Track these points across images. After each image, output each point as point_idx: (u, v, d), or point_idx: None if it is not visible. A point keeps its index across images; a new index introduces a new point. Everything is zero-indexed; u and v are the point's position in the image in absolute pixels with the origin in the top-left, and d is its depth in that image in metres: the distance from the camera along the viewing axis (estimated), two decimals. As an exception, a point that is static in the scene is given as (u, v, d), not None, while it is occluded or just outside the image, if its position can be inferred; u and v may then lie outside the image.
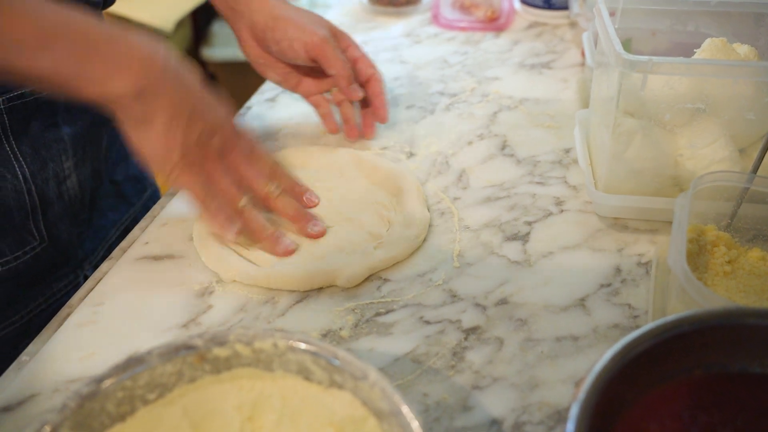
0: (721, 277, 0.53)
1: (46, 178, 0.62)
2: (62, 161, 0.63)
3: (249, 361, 0.42)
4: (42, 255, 0.63)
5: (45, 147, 0.61)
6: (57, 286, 0.66)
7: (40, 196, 0.61)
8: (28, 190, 0.60)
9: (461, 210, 0.64)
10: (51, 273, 0.65)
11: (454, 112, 0.80)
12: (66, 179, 0.64)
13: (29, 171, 0.60)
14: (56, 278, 0.65)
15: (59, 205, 0.64)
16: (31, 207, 0.60)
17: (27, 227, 0.61)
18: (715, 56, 0.60)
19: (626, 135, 0.59)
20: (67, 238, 0.65)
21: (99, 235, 0.71)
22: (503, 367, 0.48)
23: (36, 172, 0.60)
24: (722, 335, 0.39)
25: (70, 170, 0.64)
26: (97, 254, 0.71)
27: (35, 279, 0.63)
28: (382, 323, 0.52)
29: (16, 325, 0.63)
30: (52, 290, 0.65)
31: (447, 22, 1.02)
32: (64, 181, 0.64)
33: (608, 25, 0.59)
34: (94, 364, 0.50)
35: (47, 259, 0.64)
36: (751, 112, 0.57)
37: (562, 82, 0.86)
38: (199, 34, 2.06)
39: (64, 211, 0.64)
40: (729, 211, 0.56)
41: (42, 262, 0.63)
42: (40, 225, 0.62)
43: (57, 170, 0.63)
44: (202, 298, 0.55)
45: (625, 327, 0.51)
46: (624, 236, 0.60)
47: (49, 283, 0.65)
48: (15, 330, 0.63)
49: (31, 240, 0.61)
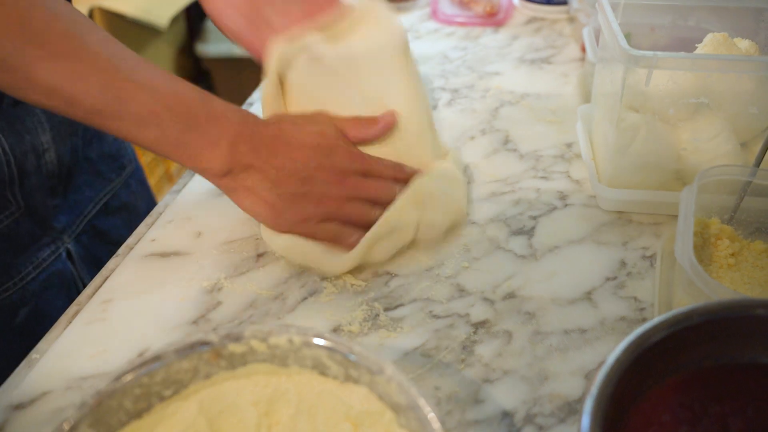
0: (726, 270, 0.54)
1: (25, 151, 0.63)
2: (39, 134, 0.64)
3: (264, 357, 0.42)
4: (21, 221, 0.64)
5: (19, 120, 0.62)
6: (42, 255, 0.66)
7: (18, 167, 0.62)
8: (8, 162, 0.61)
9: (467, 205, 0.64)
10: (33, 241, 0.66)
11: (456, 107, 0.81)
12: (45, 152, 0.65)
13: (7, 143, 0.61)
14: (38, 247, 0.66)
15: (37, 176, 0.65)
16: (8, 177, 0.61)
17: (5, 195, 0.62)
18: (717, 51, 0.61)
19: (630, 130, 0.60)
20: (43, 208, 0.66)
21: (75, 210, 0.72)
22: (513, 360, 0.49)
23: (14, 144, 0.61)
24: (732, 326, 0.40)
25: (49, 144, 0.65)
26: (76, 227, 0.72)
27: (20, 246, 0.64)
28: (392, 318, 0.53)
29: (11, 292, 0.64)
30: (38, 259, 0.66)
31: (446, 17, 1.02)
32: (43, 154, 0.65)
33: (612, 20, 0.59)
34: (105, 361, 0.50)
35: (26, 227, 0.65)
36: (753, 106, 0.58)
37: (562, 77, 0.87)
38: (193, 30, 2.06)
39: (41, 182, 0.65)
40: (732, 205, 0.56)
41: (22, 228, 0.64)
42: (16, 193, 0.63)
43: (35, 143, 0.64)
44: (210, 294, 0.55)
45: (631, 320, 0.52)
46: (628, 230, 0.61)
47: (34, 252, 0.66)
48: (11, 297, 0.64)
49: (9, 206, 0.63)
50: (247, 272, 0.57)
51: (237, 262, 0.58)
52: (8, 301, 0.63)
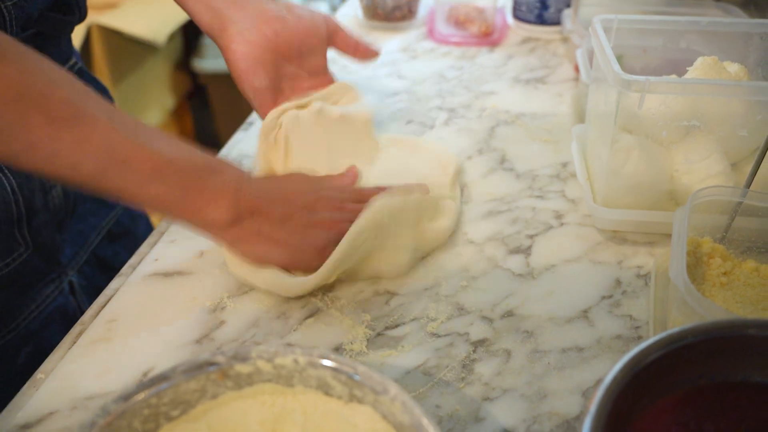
0: (718, 288, 0.55)
1: (33, 189, 0.63)
2: None
3: (270, 376, 0.43)
4: (29, 261, 0.64)
5: None
6: (45, 291, 0.67)
7: (27, 206, 0.63)
8: (16, 201, 0.61)
9: (465, 224, 0.65)
10: (39, 279, 0.66)
11: (453, 126, 0.82)
12: (51, 189, 0.66)
13: (16, 183, 0.61)
14: (44, 284, 0.67)
15: (44, 213, 0.65)
16: (17, 217, 0.62)
17: (13, 235, 0.62)
18: (708, 75, 0.62)
19: (624, 151, 0.62)
20: (50, 244, 0.67)
21: (80, 240, 0.72)
22: (512, 379, 0.50)
23: (23, 183, 0.62)
24: (725, 346, 0.41)
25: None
26: (80, 258, 0.72)
27: (26, 285, 0.65)
28: (392, 337, 0.54)
29: (14, 333, 0.64)
30: (42, 296, 0.67)
31: (442, 37, 1.04)
32: (50, 190, 0.65)
33: (606, 45, 0.61)
34: (110, 381, 0.50)
35: (34, 265, 0.65)
36: (743, 129, 0.59)
37: (556, 96, 0.88)
38: (190, 46, 2.07)
39: (48, 219, 0.66)
40: (723, 224, 0.58)
41: (29, 268, 0.65)
42: (24, 232, 0.63)
43: (42, 180, 0.64)
44: (213, 314, 0.56)
45: (627, 338, 0.53)
46: (623, 249, 0.62)
47: (39, 289, 0.66)
48: (14, 337, 0.64)
49: (18, 247, 0.63)
50: (249, 292, 0.58)
51: (239, 282, 0.59)
52: (11, 342, 0.63)
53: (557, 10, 1.03)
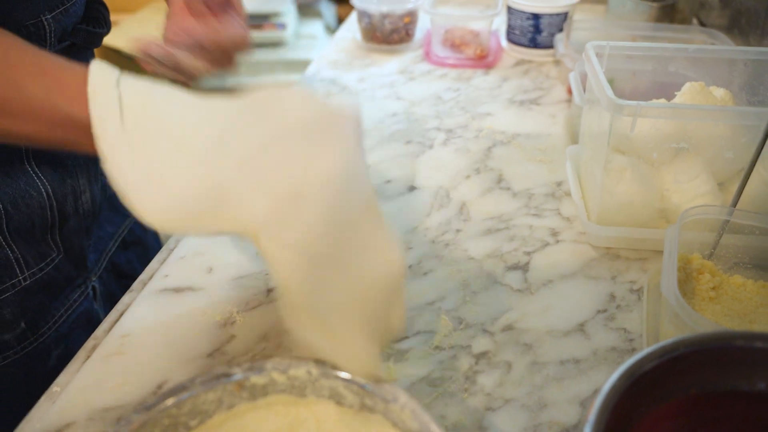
0: (707, 302, 0.58)
1: (65, 194, 0.65)
2: (78, 177, 0.67)
3: (284, 387, 0.45)
4: (60, 266, 0.66)
5: (61, 165, 0.65)
6: (73, 296, 0.69)
7: (59, 212, 0.65)
8: (50, 206, 0.63)
9: (465, 241, 0.68)
10: (68, 284, 0.68)
11: (451, 147, 0.85)
12: (82, 194, 0.68)
13: (51, 188, 0.63)
14: (71, 289, 0.68)
15: (74, 219, 0.67)
16: (51, 222, 0.64)
17: (46, 240, 0.64)
18: (695, 99, 0.66)
19: (617, 171, 0.64)
20: (79, 249, 0.69)
21: (99, 247, 0.74)
22: (513, 389, 0.52)
23: (57, 188, 0.64)
24: (714, 356, 0.44)
25: (85, 186, 0.68)
26: (100, 265, 0.74)
27: (57, 290, 0.67)
28: (398, 350, 0.56)
29: (45, 336, 0.66)
30: (70, 300, 0.68)
31: (438, 59, 1.08)
32: (80, 196, 0.68)
33: (599, 71, 0.64)
34: (126, 393, 0.52)
35: (64, 270, 0.67)
36: (729, 151, 0.62)
37: (550, 117, 0.91)
38: (186, 64, 2.10)
39: (78, 225, 0.68)
40: (712, 241, 0.60)
41: (61, 272, 0.66)
42: (56, 238, 0.65)
43: (74, 186, 0.66)
44: (224, 328, 0.58)
45: (622, 350, 0.56)
46: (617, 264, 0.65)
47: (68, 294, 0.68)
48: (46, 340, 0.66)
49: (51, 252, 0.65)
50: (258, 306, 0.60)
51: (248, 297, 0.61)
52: (43, 345, 0.65)
53: (550, 34, 1.06)
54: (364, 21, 1.12)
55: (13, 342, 0.63)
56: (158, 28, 0.65)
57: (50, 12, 0.60)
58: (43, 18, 0.59)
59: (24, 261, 0.62)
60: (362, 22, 1.12)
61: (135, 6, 1.84)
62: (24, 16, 0.58)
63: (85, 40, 0.66)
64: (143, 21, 1.78)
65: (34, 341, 0.64)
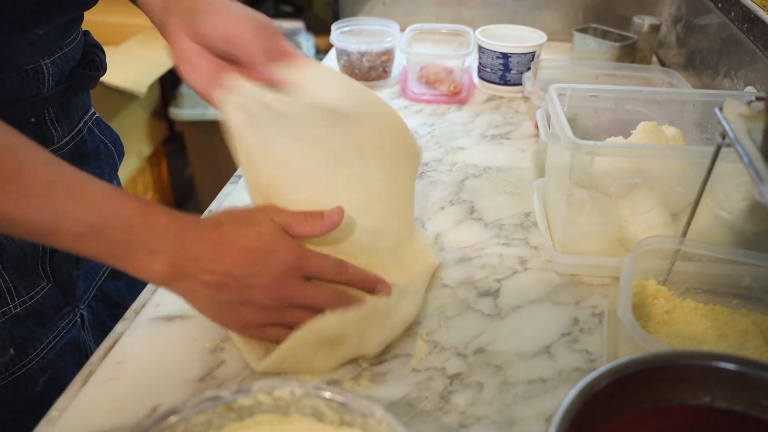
0: (662, 325, 0.63)
1: None
2: None
3: (269, 407, 0.49)
4: (49, 294, 0.69)
5: None
6: (61, 324, 0.71)
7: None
8: None
9: (439, 270, 0.72)
10: (56, 312, 0.71)
11: (427, 179, 0.90)
12: None
13: None
14: (60, 316, 0.71)
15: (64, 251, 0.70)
16: (42, 252, 0.67)
17: (37, 270, 0.67)
18: (648, 137, 0.72)
19: (578, 204, 0.70)
20: (68, 278, 0.72)
21: (89, 276, 0.77)
22: (485, 408, 0.56)
23: None
24: (663, 374, 0.49)
25: None
26: (89, 293, 0.77)
27: (45, 317, 0.69)
28: (377, 372, 0.60)
29: (33, 362, 0.68)
30: (58, 328, 0.71)
31: (414, 95, 1.13)
32: None
33: (560, 112, 0.70)
34: (122, 417, 0.55)
35: (53, 299, 0.70)
36: (679, 185, 0.68)
37: (519, 151, 0.97)
38: (167, 95, 2.14)
39: (68, 255, 0.71)
40: (665, 268, 0.66)
41: (49, 301, 0.69)
42: (46, 267, 0.68)
43: None
44: (213, 354, 0.62)
45: (584, 369, 0.60)
46: (580, 290, 0.70)
47: (56, 321, 0.71)
48: (34, 366, 0.68)
49: (40, 281, 0.68)
50: (245, 333, 0.64)
51: (236, 324, 0.65)
52: (30, 372, 0.67)
53: (518, 72, 1.13)
54: (343, 59, 1.17)
55: (1, 368, 0.65)
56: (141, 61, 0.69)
57: (49, 57, 0.64)
58: (43, 63, 0.63)
59: (15, 289, 0.65)
60: (341, 59, 1.18)
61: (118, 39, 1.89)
62: (24, 60, 0.62)
63: (82, 83, 0.70)
64: (126, 54, 1.82)
65: (21, 367, 0.67)
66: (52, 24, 0.63)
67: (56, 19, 0.63)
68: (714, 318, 0.63)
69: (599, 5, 1.36)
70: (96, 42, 0.75)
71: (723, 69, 0.98)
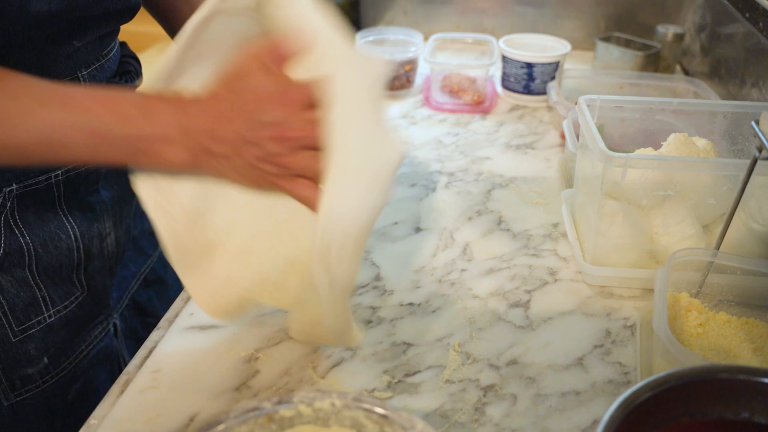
0: (695, 338, 0.63)
1: (92, 237, 0.70)
2: (104, 220, 0.71)
3: (309, 419, 0.49)
4: (83, 304, 0.70)
5: (90, 209, 0.70)
6: (94, 333, 0.72)
7: (85, 253, 0.69)
8: (77, 248, 0.68)
9: (469, 280, 0.73)
10: (90, 321, 0.72)
11: (453, 189, 0.90)
12: (106, 237, 0.72)
13: (79, 231, 0.68)
14: (93, 325, 0.72)
15: (99, 260, 0.71)
16: (77, 262, 0.68)
17: (71, 279, 0.68)
18: (679, 149, 0.71)
19: (609, 215, 0.70)
20: (102, 288, 0.73)
21: (122, 286, 0.78)
22: (519, 420, 0.56)
23: (84, 231, 0.68)
24: (702, 388, 0.48)
25: (110, 229, 0.72)
26: (122, 303, 0.78)
27: (79, 326, 0.70)
28: (411, 383, 0.60)
29: (66, 371, 0.69)
30: (91, 337, 0.72)
31: (438, 104, 1.14)
32: (105, 238, 0.72)
33: (591, 124, 0.70)
34: (160, 425, 0.56)
35: (86, 308, 0.71)
36: (711, 197, 0.68)
37: (545, 161, 0.97)
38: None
39: (102, 265, 0.72)
40: (698, 281, 0.66)
41: (83, 310, 0.70)
42: (81, 277, 0.69)
43: (100, 229, 0.71)
44: (248, 363, 0.62)
45: (618, 382, 0.60)
46: (611, 302, 0.70)
47: (89, 330, 0.72)
48: (67, 374, 0.69)
49: (75, 290, 0.69)
50: (279, 343, 0.64)
51: (270, 334, 0.65)
52: (63, 380, 0.69)
53: (542, 82, 1.13)
54: (367, 68, 1.18)
55: (35, 376, 0.67)
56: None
57: (86, 68, 0.65)
58: (80, 74, 0.65)
59: (50, 299, 0.66)
60: (365, 69, 1.18)
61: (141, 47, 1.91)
62: (62, 72, 0.63)
63: None
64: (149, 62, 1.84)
65: (55, 375, 0.68)
66: (90, 36, 0.64)
67: (94, 32, 0.64)
68: (748, 331, 0.63)
69: (621, 14, 1.36)
70: (132, 52, 0.76)
71: (750, 79, 0.97)
